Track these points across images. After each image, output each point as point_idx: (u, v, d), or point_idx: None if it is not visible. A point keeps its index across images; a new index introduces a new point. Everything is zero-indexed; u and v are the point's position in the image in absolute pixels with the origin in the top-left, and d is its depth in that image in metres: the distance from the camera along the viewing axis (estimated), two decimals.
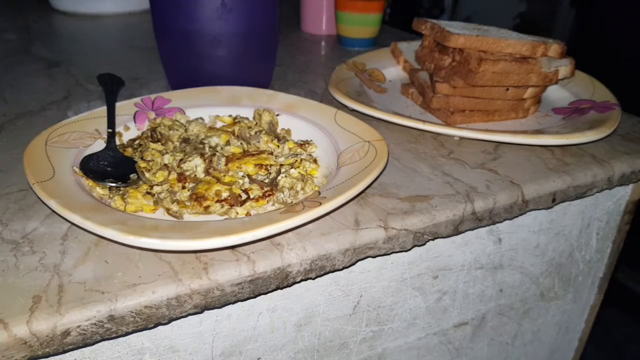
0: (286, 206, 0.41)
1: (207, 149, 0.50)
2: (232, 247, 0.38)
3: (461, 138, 0.56)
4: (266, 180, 0.46)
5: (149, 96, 0.57)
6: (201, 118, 0.55)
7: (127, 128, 0.53)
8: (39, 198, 0.40)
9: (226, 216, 0.42)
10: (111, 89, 0.56)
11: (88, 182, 0.44)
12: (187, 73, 0.63)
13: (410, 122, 0.55)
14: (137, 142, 0.51)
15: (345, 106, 0.58)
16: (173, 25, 0.59)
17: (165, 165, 0.47)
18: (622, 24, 1.92)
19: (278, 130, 0.55)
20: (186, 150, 0.49)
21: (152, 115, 0.55)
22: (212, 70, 0.62)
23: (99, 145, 0.49)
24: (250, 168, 0.47)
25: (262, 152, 0.49)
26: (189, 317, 0.40)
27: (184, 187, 0.45)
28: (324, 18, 0.90)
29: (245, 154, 0.49)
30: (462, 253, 0.52)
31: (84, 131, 0.50)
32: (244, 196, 0.44)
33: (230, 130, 0.53)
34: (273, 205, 0.44)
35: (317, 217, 0.40)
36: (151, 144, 0.50)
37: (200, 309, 0.37)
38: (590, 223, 0.60)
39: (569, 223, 0.58)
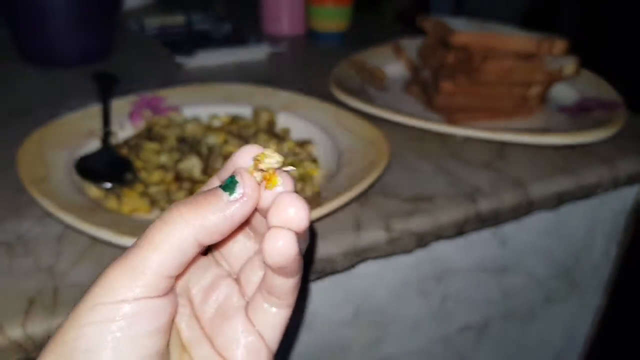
0: None
1: (204, 148, 0.49)
2: None
3: (465, 137, 0.55)
4: None
5: (145, 94, 0.56)
6: (198, 117, 0.54)
7: (122, 127, 0.52)
8: (33, 198, 0.39)
9: None
10: (106, 87, 0.55)
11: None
12: (31, 44, 0.70)
13: (413, 121, 0.54)
14: (133, 141, 0.50)
15: (346, 104, 0.57)
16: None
17: (162, 165, 0.46)
18: (629, 21, 1.91)
19: (277, 130, 0.54)
20: (183, 150, 0.48)
21: (148, 113, 0.54)
22: (47, 37, 0.69)
23: (94, 144, 0.48)
24: None
25: None
26: None
27: (180, 188, 0.44)
28: (286, 18, 0.91)
29: None
30: (465, 255, 0.51)
31: (79, 130, 0.49)
32: None
33: (228, 129, 0.52)
34: None
35: (317, 218, 0.39)
36: (147, 143, 0.49)
37: None
38: (596, 224, 0.59)
39: (574, 224, 0.57)
